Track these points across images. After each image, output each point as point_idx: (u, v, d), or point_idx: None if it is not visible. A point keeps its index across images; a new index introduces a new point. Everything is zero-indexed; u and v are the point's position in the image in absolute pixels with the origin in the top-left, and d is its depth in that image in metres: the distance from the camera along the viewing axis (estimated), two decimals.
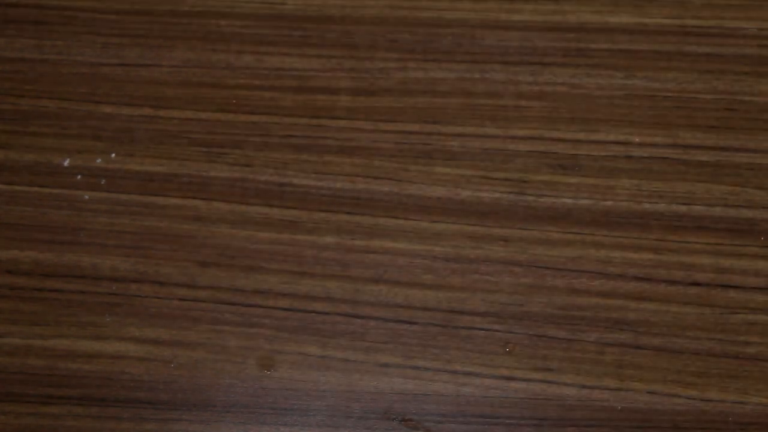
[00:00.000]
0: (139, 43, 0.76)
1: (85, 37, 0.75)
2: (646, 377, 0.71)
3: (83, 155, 0.74)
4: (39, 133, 0.75)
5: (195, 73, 0.76)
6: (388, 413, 0.70)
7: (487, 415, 0.70)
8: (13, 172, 0.74)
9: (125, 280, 0.72)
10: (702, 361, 0.71)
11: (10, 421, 0.70)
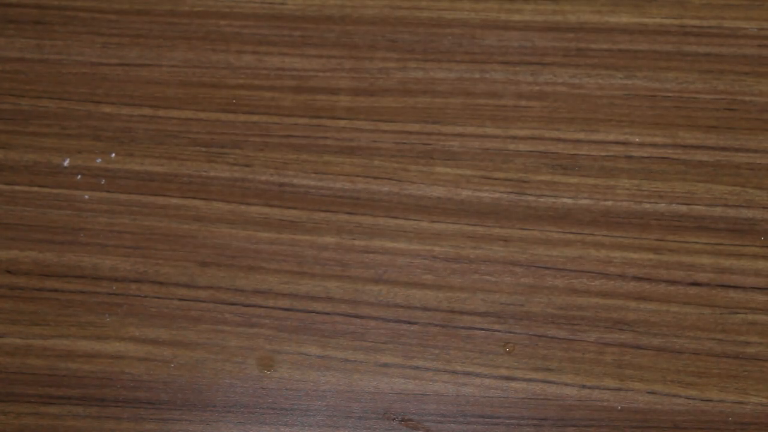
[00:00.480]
0: (139, 43, 0.76)
1: (85, 37, 0.75)
2: (646, 377, 0.71)
3: (83, 155, 0.74)
4: (39, 133, 0.75)
5: (195, 73, 0.76)
6: (388, 413, 0.70)
7: (487, 415, 0.70)
8: (13, 172, 0.74)
9: (125, 280, 0.72)
10: (702, 361, 0.71)
11: (10, 421, 0.70)
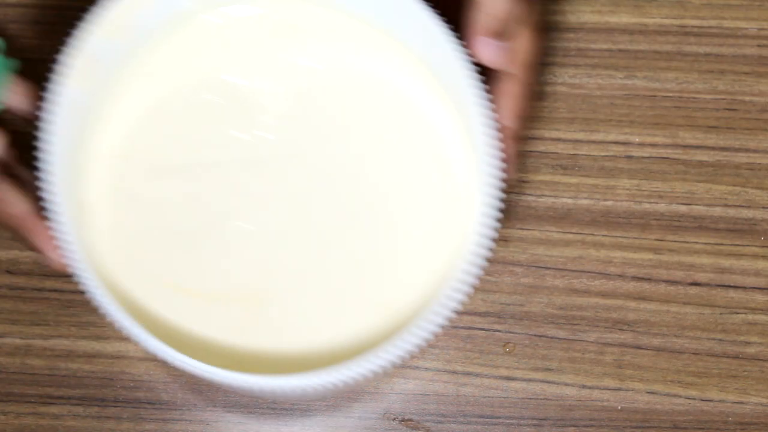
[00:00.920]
0: None
1: None
2: (646, 377, 0.71)
3: None
4: None
5: None
6: (388, 413, 0.70)
7: (487, 415, 0.70)
8: None
9: None
10: (702, 361, 0.71)
11: (10, 421, 0.70)
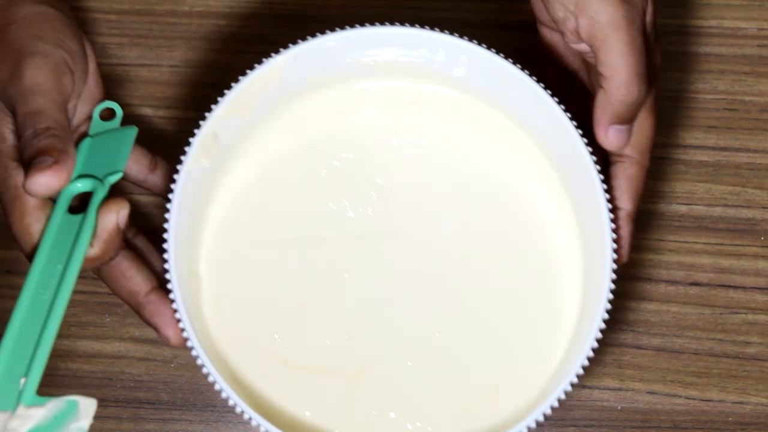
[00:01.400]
0: (139, 43, 0.76)
1: (85, 37, 0.75)
2: (646, 377, 0.71)
3: None
4: None
5: (195, 73, 0.76)
6: None
7: None
8: None
9: None
10: (702, 361, 0.71)
11: None
